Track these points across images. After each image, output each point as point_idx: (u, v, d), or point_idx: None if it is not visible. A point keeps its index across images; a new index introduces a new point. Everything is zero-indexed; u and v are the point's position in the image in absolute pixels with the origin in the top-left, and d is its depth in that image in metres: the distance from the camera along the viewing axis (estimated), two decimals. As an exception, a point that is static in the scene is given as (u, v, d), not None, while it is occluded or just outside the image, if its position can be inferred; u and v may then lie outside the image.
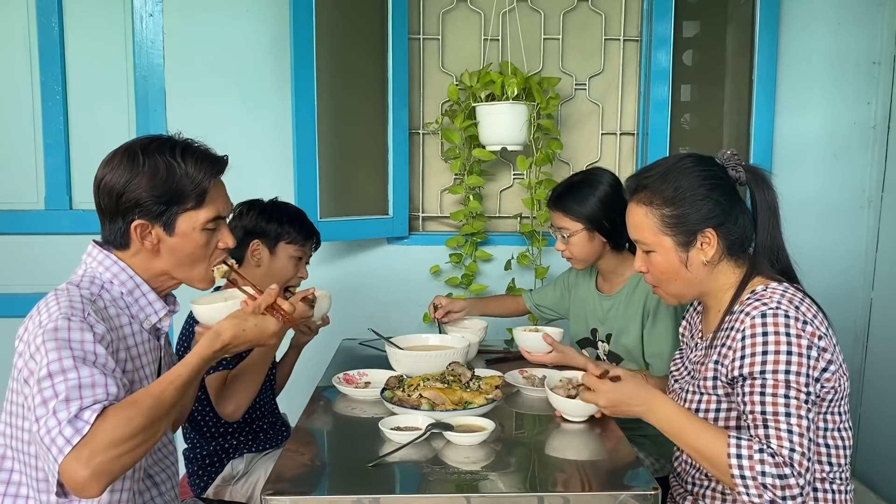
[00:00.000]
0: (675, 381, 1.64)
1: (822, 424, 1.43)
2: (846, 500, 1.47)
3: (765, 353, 1.34)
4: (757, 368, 1.34)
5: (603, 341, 2.17)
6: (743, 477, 1.27)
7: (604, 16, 2.97)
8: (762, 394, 1.33)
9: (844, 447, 1.46)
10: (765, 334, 1.36)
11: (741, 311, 1.42)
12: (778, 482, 1.25)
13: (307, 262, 2.14)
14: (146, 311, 1.43)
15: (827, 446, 1.44)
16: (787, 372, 1.32)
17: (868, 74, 2.94)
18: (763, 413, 1.32)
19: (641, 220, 1.52)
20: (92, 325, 1.26)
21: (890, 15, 2.89)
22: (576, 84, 3.01)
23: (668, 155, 2.87)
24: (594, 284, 2.25)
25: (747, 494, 1.27)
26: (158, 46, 2.83)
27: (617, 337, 2.13)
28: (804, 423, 1.30)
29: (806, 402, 1.32)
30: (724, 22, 3.01)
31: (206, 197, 1.41)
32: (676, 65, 2.89)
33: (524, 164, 2.83)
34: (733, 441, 1.30)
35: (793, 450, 1.28)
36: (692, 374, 1.56)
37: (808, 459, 1.29)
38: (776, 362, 1.33)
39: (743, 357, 1.37)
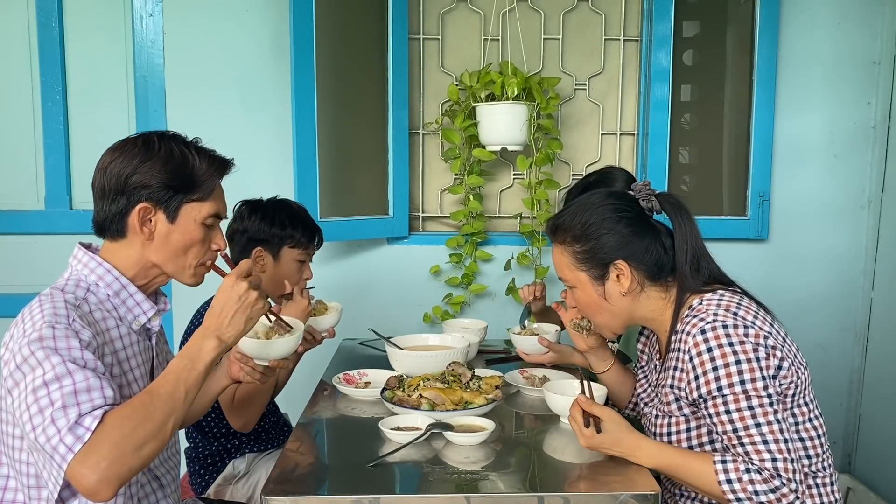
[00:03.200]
0: (645, 403, 1.66)
1: (791, 420, 1.44)
2: (832, 492, 1.47)
3: (715, 369, 1.36)
4: (713, 387, 1.36)
5: (614, 342, 2.17)
6: (739, 499, 1.32)
7: (604, 16, 2.97)
8: (727, 412, 1.35)
9: (819, 436, 1.47)
10: (709, 350, 1.37)
11: (683, 331, 1.44)
12: (772, 496, 1.30)
13: (310, 261, 2.13)
14: (134, 311, 1.42)
15: (802, 440, 1.45)
16: (742, 382, 1.34)
17: (868, 74, 2.94)
18: (735, 431, 1.35)
19: (559, 259, 1.58)
20: (77, 332, 1.25)
21: (890, 15, 2.89)
22: (576, 84, 3.01)
23: (667, 155, 2.88)
24: None
25: None
26: (158, 47, 2.83)
27: (627, 338, 2.13)
28: (775, 426, 1.33)
29: (771, 404, 1.34)
30: (724, 22, 3.01)
31: (213, 192, 1.43)
32: (676, 65, 2.88)
33: (524, 164, 2.83)
34: (720, 466, 1.34)
35: (774, 459, 1.31)
36: (659, 395, 1.57)
37: (793, 461, 1.31)
38: (728, 376, 1.35)
39: (696, 378, 1.39)
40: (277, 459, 1.48)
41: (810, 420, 1.46)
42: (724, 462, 1.34)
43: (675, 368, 1.46)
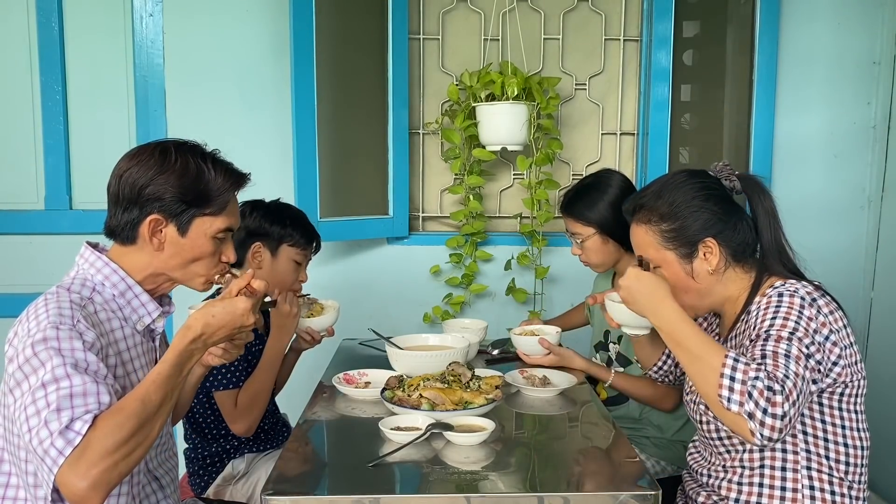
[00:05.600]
0: (695, 392, 1.64)
1: (838, 422, 1.44)
2: None
3: (774, 317, 1.35)
4: (764, 328, 1.35)
5: (615, 343, 2.17)
6: (732, 379, 1.22)
7: (604, 16, 2.97)
8: (765, 341, 1.31)
9: (863, 447, 1.47)
10: (778, 305, 1.37)
11: (760, 302, 1.43)
12: (766, 392, 1.20)
13: (306, 266, 2.14)
14: (139, 312, 1.42)
15: (846, 445, 1.45)
16: (793, 332, 1.32)
17: (868, 74, 2.94)
18: (763, 353, 1.29)
19: (643, 239, 1.56)
20: (81, 333, 1.25)
21: (890, 15, 2.89)
22: (576, 84, 3.01)
23: (667, 155, 2.88)
24: (611, 286, 2.25)
25: (729, 400, 1.22)
26: (158, 46, 2.83)
27: (628, 339, 2.12)
28: (801, 370, 1.27)
29: (807, 359, 1.30)
30: (724, 22, 3.01)
31: (226, 207, 1.43)
32: (676, 65, 2.89)
33: (524, 164, 2.83)
34: (734, 353, 1.26)
35: (787, 376, 1.23)
36: None
37: (798, 398, 1.24)
38: (783, 326, 1.33)
39: (754, 328, 1.38)
40: (277, 459, 1.48)
41: (859, 430, 1.46)
42: (736, 360, 1.24)
43: (739, 339, 1.44)
